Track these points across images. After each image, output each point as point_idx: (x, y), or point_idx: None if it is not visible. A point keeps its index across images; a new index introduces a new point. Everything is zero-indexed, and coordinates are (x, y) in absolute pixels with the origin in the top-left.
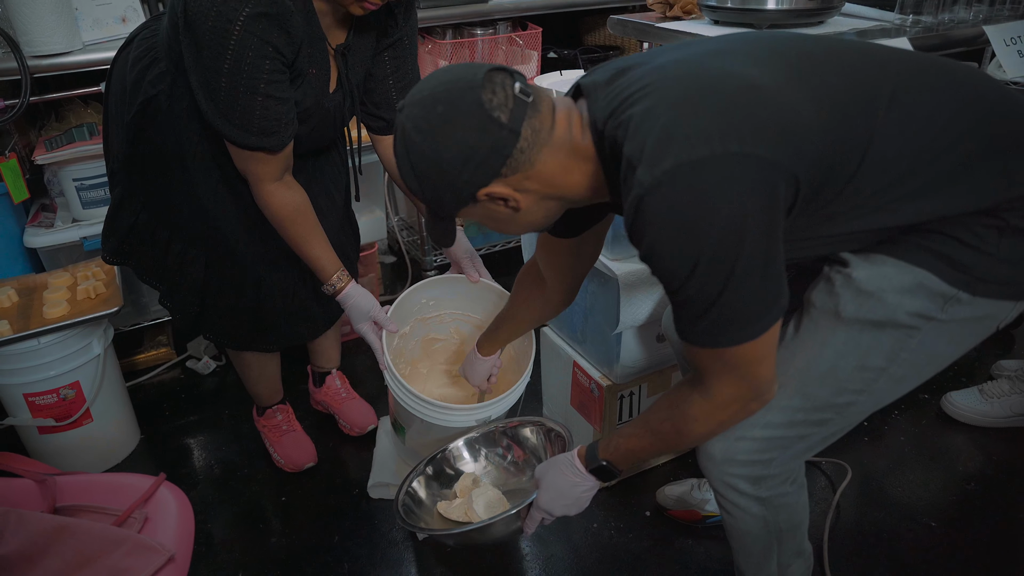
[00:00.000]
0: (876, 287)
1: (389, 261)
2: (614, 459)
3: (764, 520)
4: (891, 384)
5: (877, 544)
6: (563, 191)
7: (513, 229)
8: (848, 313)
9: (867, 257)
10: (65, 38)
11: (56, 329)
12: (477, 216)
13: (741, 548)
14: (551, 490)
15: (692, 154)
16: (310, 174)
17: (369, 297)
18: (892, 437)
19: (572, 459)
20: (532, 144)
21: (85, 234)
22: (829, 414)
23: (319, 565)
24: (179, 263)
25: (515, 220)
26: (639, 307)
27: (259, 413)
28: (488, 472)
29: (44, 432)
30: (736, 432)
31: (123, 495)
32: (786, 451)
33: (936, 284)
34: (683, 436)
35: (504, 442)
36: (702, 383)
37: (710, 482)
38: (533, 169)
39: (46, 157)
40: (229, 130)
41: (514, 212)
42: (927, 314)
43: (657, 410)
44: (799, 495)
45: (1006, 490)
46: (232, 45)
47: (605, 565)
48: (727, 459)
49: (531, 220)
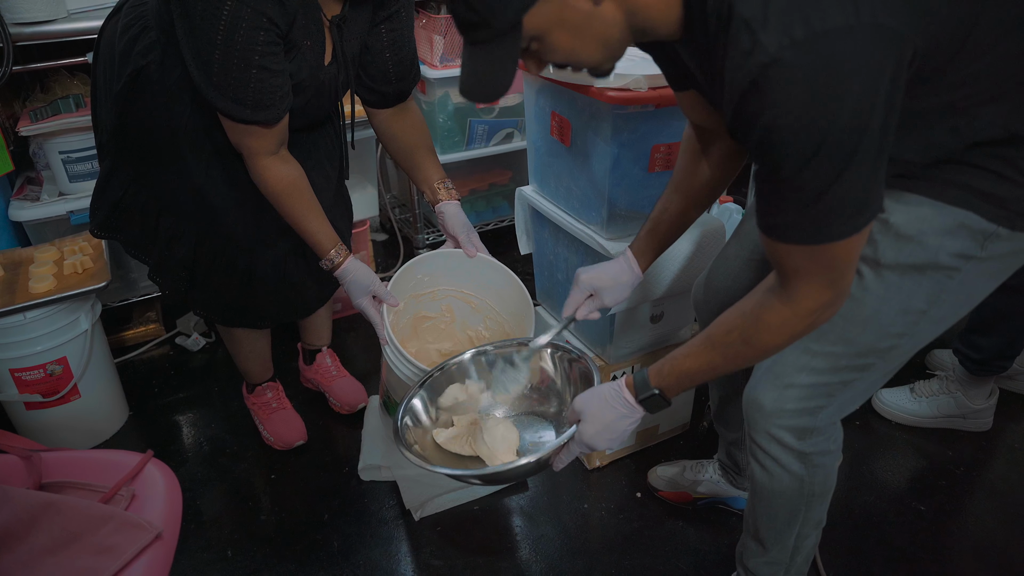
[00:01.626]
0: (916, 231)
1: (381, 239)
2: (667, 385)
3: (801, 481)
4: (931, 325)
5: (867, 527)
6: (637, 2)
7: (584, 44)
8: (888, 259)
9: (900, 198)
10: (48, 5)
11: (42, 304)
12: (547, 19)
13: (767, 512)
14: (596, 424)
15: (826, 22)
16: (305, 149)
17: (368, 271)
18: (882, 421)
19: (620, 389)
20: None
21: (72, 208)
22: (872, 359)
23: (309, 543)
24: (168, 238)
25: (591, 26)
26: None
27: (249, 390)
28: (502, 398)
29: (31, 408)
30: (784, 379)
31: (110, 472)
32: (832, 400)
33: (976, 222)
34: (752, 347)
35: (524, 367)
36: (785, 287)
37: (753, 436)
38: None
39: (31, 128)
40: (223, 103)
41: (592, 9)
42: (968, 253)
43: (722, 323)
44: (835, 460)
45: (994, 474)
46: (225, 16)
47: (595, 545)
48: (777, 408)
49: (606, 33)
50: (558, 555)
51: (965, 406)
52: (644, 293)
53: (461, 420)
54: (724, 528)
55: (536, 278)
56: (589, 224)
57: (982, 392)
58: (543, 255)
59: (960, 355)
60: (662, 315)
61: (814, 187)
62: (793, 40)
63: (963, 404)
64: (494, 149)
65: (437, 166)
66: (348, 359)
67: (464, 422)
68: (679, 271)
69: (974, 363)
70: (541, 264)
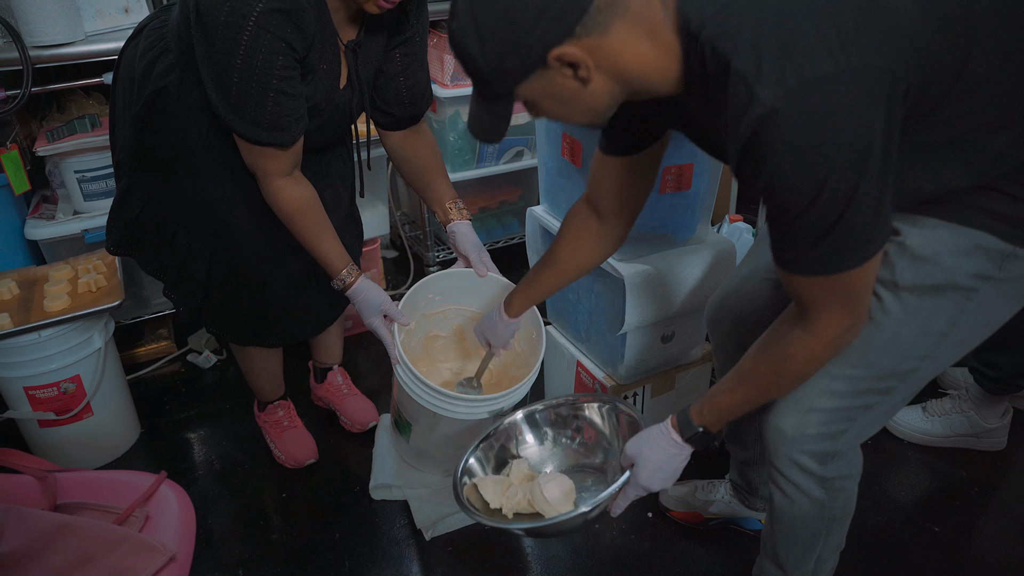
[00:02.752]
0: (932, 252)
1: (391, 256)
2: (709, 422)
3: (822, 506)
4: (952, 347)
5: (880, 547)
6: (631, 73)
7: (573, 113)
8: (906, 281)
9: (916, 221)
10: (67, 28)
11: (57, 323)
12: (537, 92)
13: (787, 537)
14: (649, 465)
15: (816, 69)
16: (318, 169)
17: (379, 291)
18: (895, 441)
19: (667, 430)
20: (609, 5)
21: (87, 227)
22: (893, 382)
23: (320, 563)
24: (184, 256)
25: (579, 99)
26: (645, 308)
27: (260, 408)
28: (554, 453)
29: (44, 426)
30: (805, 404)
31: (124, 493)
32: (853, 423)
33: (992, 242)
34: (781, 377)
35: (574, 423)
36: (804, 318)
37: (774, 462)
38: (607, 36)
39: (47, 148)
40: (240, 125)
41: (581, 87)
42: (985, 274)
43: (750, 358)
44: (855, 483)
45: (1009, 494)
46: (245, 40)
47: (607, 566)
48: (799, 434)
49: (594, 103)
50: (569, 575)
51: (979, 425)
52: (655, 314)
53: (515, 475)
54: (736, 548)
55: None
56: None
57: (996, 411)
58: None
59: (976, 373)
60: (673, 335)
61: (821, 224)
62: (787, 90)
63: (977, 423)
64: (504, 167)
65: (448, 187)
66: (359, 377)
67: (518, 478)
68: (689, 292)
69: (990, 381)
70: None
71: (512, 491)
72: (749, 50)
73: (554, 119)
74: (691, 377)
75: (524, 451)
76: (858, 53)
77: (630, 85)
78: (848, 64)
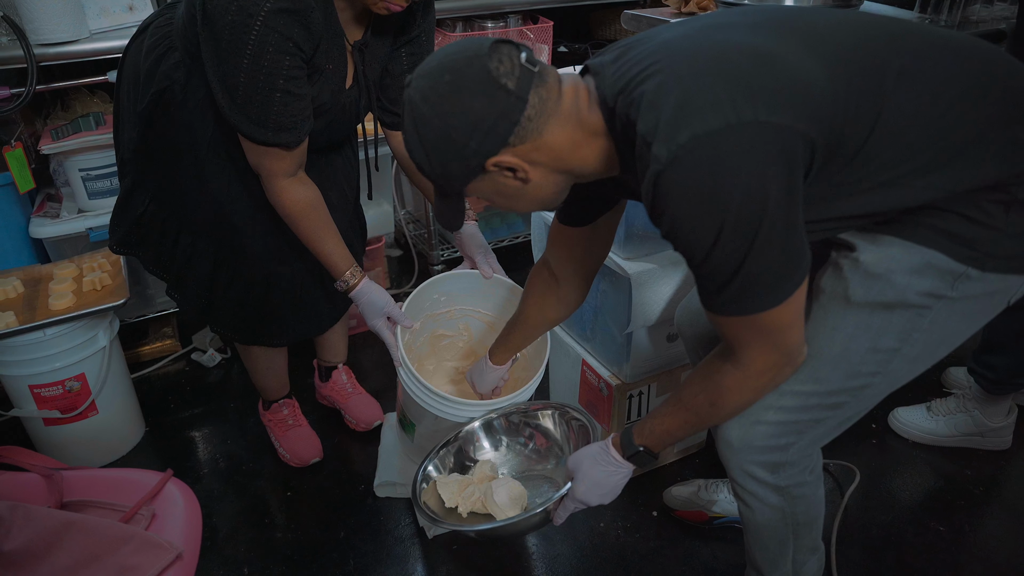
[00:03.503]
0: (884, 269)
1: (396, 255)
2: (650, 443)
3: (782, 512)
4: (905, 364)
5: (885, 547)
6: (571, 164)
7: (522, 205)
8: (857, 297)
9: (873, 239)
10: (72, 26)
11: (62, 321)
12: (485, 191)
13: (757, 543)
14: (587, 480)
15: (706, 126)
16: (323, 170)
17: (383, 293)
18: (899, 440)
19: (607, 448)
20: (540, 112)
21: (91, 225)
22: (844, 397)
23: (325, 561)
24: (188, 255)
25: (524, 194)
26: (651, 307)
27: (265, 407)
28: (508, 459)
29: (49, 424)
30: (752, 416)
31: (130, 491)
32: (803, 436)
33: (944, 262)
34: (718, 408)
35: (526, 430)
36: (733, 354)
37: (728, 471)
38: (541, 139)
39: (52, 147)
40: (246, 125)
41: (523, 184)
42: (937, 293)
43: (689, 386)
44: (816, 487)
45: (1014, 493)
46: (252, 40)
47: (611, 565)
48: (745, 445)
49: (540, 195)
50: (574, 574)
51: (983, 424)
52: (661, 313)
53: (478, 474)
54: (740, 547)
55: None
56: None
57: (1000, 410)
58: None
59: (975, 374)
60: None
61: (726, 268)
62: (679, 145)
63: (981, 422)
64: None
65: None
66: (364, 376)
67: (480, 477)
68: (694, 291)
69: (989, 382)
70: None
71: (470, 490)
72: (650, 113)
73: (506, 211)
74: None
75: (481, 457)
76: (749, 110)
77: (573, 173)
78: (738, 119)
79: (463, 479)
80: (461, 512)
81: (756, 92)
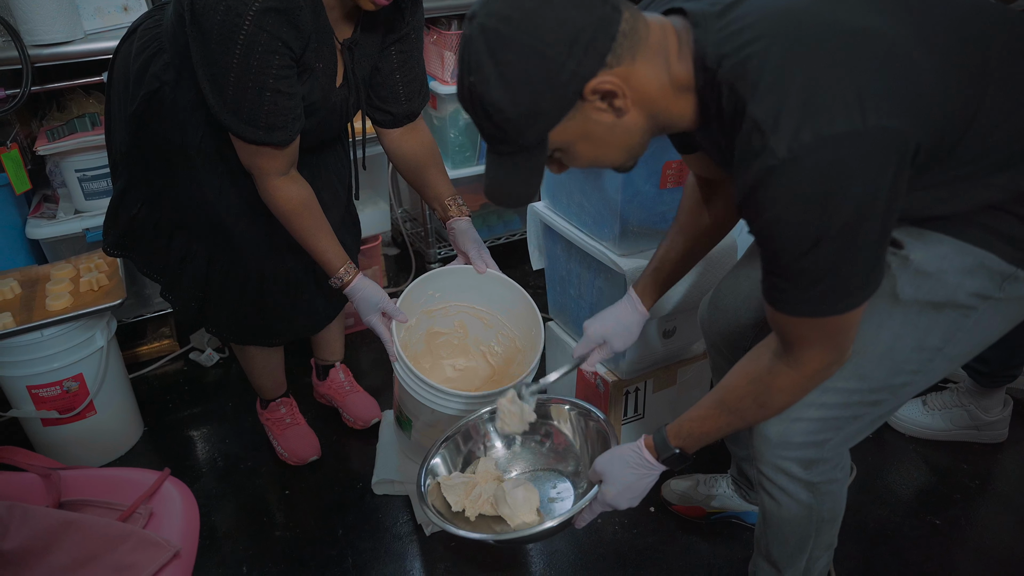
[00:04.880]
0: (936, 268)
1: (392, 253)
2: (687, 445)
3: (809, 508)
4: (945, 363)
5: (881, 541)
6: (657, 107)
7: (608, 151)
8: (906, 295)
9: (920, 235)
10: (66, 27)
11: (59, 321)
12: (572, 134)
13: (777, 537)
14: (618, 483)
15: (834, 128)
16: (315, 168)
17: (377, 288)
18: (895, 434)
19: (639, 450)
20: (633, 30)
21: (88, 225)
22: (884, 395)
23: (323, 559)
24: (181, 257)
25: (615, 134)
26: None
27: (262, 406)
28: (521, 455)
29: (48, 424)
30: (792, 413)
31: (128, 490)
32: (839, 432)
33: (996, 263)
34: (766, 409)
35: (542, 428)
36: (790, 353)
37: (760, 466)
38: (634, 65)
39: (48, 148)
40: (236, 125)
41: (616, 120)
42: (985, 293)
43: (733, 388)
44: (843, 485)
45: (1010, 486)
46: (241, 40)
47: (609, 561)
48: (783, 441)
49: (628, 138)
50: (572, 570)
51: (979, 418)
52: (657, 309)
53: (481, 474)
54: (738, 542)
55: (548, 293)
56: (601, 240)
57: (995, 402)
58: (555, 270)
59: (968, 368)
60: (675, 330)
61: (814, 272)
62: (801, 144)
63: (976, 416)
64: None
65: (447, 183)
66: (361, 374)
67: (483, 477)
68: (690, 286)
69: (982, 375)
70: (553, 279)
71: (477, 492)
72: (769, 97)
73: (586, 165)
74: (693, 372)
75: (492, 454)
76: (874, 113)
77: (656, 119)
78: (864, 124)
79: (468, 480)
80: (469, 516)
81: (881, 93)
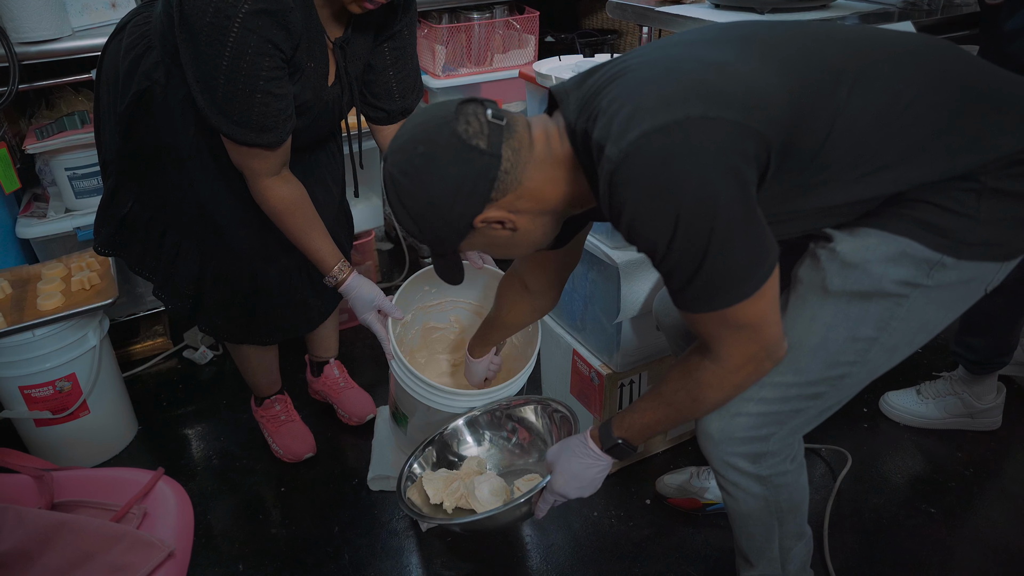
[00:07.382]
0: (860, 258)
1: (386, 248)
2: (630, 436)
3: (765, 500)
4: (884, 353)
5: (877, 530)
6: (554, 203)
7: (516, 251)
8: (834, 286)
9: (851, 231)
10: (53, 24)
11: (51, 321)
12: (479, 245)
13: (743, 531)
14: (565, 473)
15: (655, 122)
16: (307, 167)
17: (372, 286)
18: (890, 423)
19: (585, 440)
20: (515, 164)
21: (79, 224)
22: (823, 387)
23: (319, 556)
24: (173, 255)
25: (516, 241)
26: (640, 295)
27: (257, 404)
28: (492, 454)
29: (41, 425)
30: (732, 409)
31: (122, 490)
32: (783, 426)
33: (919, 251)
34: (699, 403)
35: (508, 424)
36: (710, 350)
37: (711, 463)
38: (522, 187)
39: (37, 146)
40: (227, 126)
41: (513, 233)
42: (913, 281)
43: (669, 381)
44: (799, 475)
45: (1005, 474)
46: (230, 42)
47: (605, 553)
48: (725, 437)
49: (531, 239)
50: (568, 564)
51: (972, 406)
52: (651, 302)
53: (465, 470)
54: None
55: None
56: (595, 234)
57: (988, 389)
58: None
59: (958, 356)
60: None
61: (687, 264)
62: (629, 142)
63: (970, 404)
64: None
65: None
66: (356, 370)
67: (467, 473)
68: None
69: (972, 363)
70: None
71: (455, 486)
72: (603, 119)
73: (503, 259)
74: None
75: (466, 452)
76: (699, 107)
77: (559, 212)
78: (686, 115)
79: (449, 475)
80: (447, 508)
81: (708, 93)
